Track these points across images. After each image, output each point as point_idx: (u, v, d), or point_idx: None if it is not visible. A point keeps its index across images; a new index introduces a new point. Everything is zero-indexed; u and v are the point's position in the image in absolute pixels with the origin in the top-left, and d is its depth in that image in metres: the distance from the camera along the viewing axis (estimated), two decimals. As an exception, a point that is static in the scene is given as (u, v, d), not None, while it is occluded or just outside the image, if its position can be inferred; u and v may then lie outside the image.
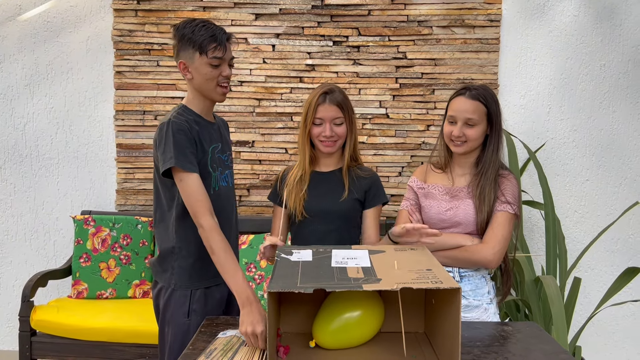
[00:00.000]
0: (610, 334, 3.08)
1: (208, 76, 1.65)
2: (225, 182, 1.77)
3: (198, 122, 1.71)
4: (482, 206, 1.70)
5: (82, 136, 3.15)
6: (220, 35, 1.63)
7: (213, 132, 1.76)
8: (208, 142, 1.71)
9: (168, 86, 3.09)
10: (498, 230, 1.68)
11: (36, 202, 3.17)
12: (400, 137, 3.05)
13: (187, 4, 3.03)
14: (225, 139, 1.84)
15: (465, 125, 1.70)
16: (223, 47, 1.64)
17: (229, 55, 1.68)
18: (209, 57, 1.62)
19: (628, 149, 3.01)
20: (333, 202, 1.79)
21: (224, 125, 1.91)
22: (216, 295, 1.76)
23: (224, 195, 1.75)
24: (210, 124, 1.76)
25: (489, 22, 2.97)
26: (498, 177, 1.74)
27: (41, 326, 2.62)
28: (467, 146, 1.72)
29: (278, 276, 1.17)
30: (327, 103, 1.75)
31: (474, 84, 1.78)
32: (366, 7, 2.99)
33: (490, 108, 1.71)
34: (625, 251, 3.04)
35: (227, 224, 1.74)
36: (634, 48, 2.97)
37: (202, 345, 1.40)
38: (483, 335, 1.48)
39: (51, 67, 3.12)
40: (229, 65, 1.69)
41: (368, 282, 1.11)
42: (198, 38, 1.61)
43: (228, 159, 1.82)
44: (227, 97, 2.81)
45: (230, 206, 1.79)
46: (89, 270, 2.85)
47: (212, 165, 1.71)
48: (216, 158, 1.73)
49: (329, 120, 1.75)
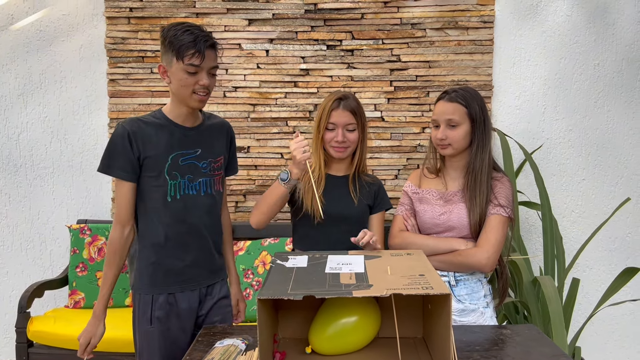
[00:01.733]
0: (609, 333, 3.08)
1: (183, 83, 1.60)
2: (194, 190, 1.71)
3: (164, 126, 1.67)
4: (474, 208, 1.70)
5: (76, 145, 3.13)
6: (201, 42, 1.56)
7: (185, 138, 1.70)
8: (168, 149, 1.66)
9: (162, 93, 3.08)
10: (491, 234, 1.68)
11: (31, 212, 3.16)
12: (395, 140, 3.05)
13: (180, 11, 3.03)
14: (210, 145, 1.76)
15: (447, 127, 1.72)
16: (202, 54, 1.57)
17: (208, 64, 1.60)
18: (185, 64, 1.57)
19: (624, 147, 3.02)
20: (349, 207, 1.82)
21: (220, 130, 1.82)
22: (182, 305, 1.73)
23: (190, 204, 1.70)
24: (185, 129, 1.70)
25: (482, 23, 2.97)
26: (491, 180, 1.73)
27: (38, 337, 2.60)
28: (452, 148, 1.73)
29: (270, 283, 1.18)
30: (340, 109, 1.77)
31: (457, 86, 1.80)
32: (359, 10, 2.99)
33: (470, 108, 1.71)
34: (623, 250, 3.04)
35: (195, 232, 1.72)
36: (627, 47, 2.98)
37: (199, 355, 1.39)
38: (482, 340, 1.47)
39: (44, 76, 3.10)
40: (210, 74, 1.63)
41: (359, 289, 1.11)
42: (177, 43, 1.56)
43: (209, 167, 1.75)
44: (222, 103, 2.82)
45: (198, 215, 1.72)
46: (85, 280, 2.83)
47: (170, 173, 1.66)
48: (180, 165, 1.68)
49: (342, 125, 1.77)
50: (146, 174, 1.66)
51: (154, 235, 1.70)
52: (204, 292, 1.79)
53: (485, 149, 1.74)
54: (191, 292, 1.75)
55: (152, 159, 1.65)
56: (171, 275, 1.71)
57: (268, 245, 2.85)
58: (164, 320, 1.71)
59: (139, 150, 1.64)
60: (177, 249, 1.71)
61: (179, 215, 1.69)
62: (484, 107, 1.73)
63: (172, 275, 1.71)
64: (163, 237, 1.69)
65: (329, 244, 1.78)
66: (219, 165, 1.79)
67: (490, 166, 1.75)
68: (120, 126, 1.64)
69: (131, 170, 1.64)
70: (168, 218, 1.68)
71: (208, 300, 1.80)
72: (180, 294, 1.73)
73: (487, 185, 1.72)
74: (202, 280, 1.77)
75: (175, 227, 1.69)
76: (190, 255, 1.73)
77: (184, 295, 1.73)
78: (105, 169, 1.65)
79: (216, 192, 1.78)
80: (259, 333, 1.10)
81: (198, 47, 1.56)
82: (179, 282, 1.72)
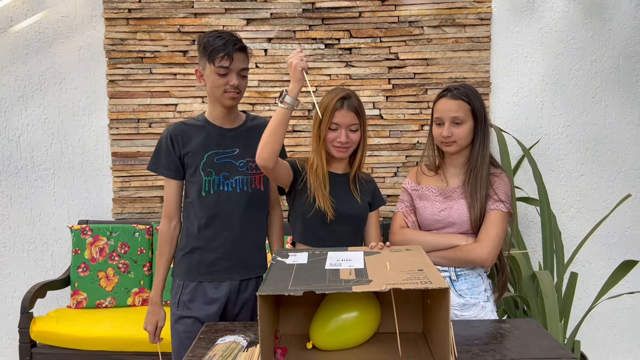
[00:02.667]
0: (609, 328, 3.09)
1: (215, 84, 1.74)
2: (229, 187, 1.81)
3: (202, 127, 1.82)
4: (474, 203, 1.71)
5: (77, 146, 3.15)
6: (229, 46, 1.70)
7: (223, 138, 1.82)
8: (205, 147, 1.80)
9: (162, 93, 3.09)
10: (492, 229, 1.69)
11: (33, 213, 3.17)
12: (394, 138, 3.06)
13: (178, 11, 3.04)
14: (248, 145, 1.84)
15: (452, 124, 1.72)
16: (230, 57, 1.70)
17: (237, 66, 1.73)
18: (216, 66, 1.71)
19: (621, 142, 3.03)
20: (355, 206, 1.83)
21: (261, 131, 1.79)
22: (209, 294, 1.82)
23: (223, 200, 1.81)
24: (222, 130, 1.83)
25: (479, 20, 2.98)
26: (490, 175, 1.75)
27: (41, 337, 2.61)
28: (458, 145, 1.74)
29: (271, 279, 1.19)
30: (344, 109, 1.73)
31: (456, 83, 1.80)
32: (357, 9, 3.00)
33: (473, 105, 1.72)
34: (622, 245, 3.06)
35: (227, 226, 1.82)
36: (624, 42, 2.99)
37: (201, 352, 1.40)
38: (481, 333, 1.48)
39: (44, 78, 3.12)
40: (240, 76, 1.75)
41: (358, 284, 1.12)
42: (209, 47, 1.71)
43: (246, 165, 1.84)
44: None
45: (231, 210, 1.82)
46: (87, 280, 2.85)
47: (205, 170, 1.80)
48: (216, 163, 1.80)
49: (345, 126, 1.74)
50: (188, 170, 1.82)
51: (190, 227, 1.84)
52: (236, 286, 1.85)
53: (485, 145, 1.75)
54: (221, 283, 1.83)
55: (190, 156, 1.80)
56: (202, 266, 1.83)
57: (268, 243, 2.86)
58: (190, 306, 1.82)
59: (180, 150, 1.80)
60: (210, 241, 1.82)
61: (211, 209, 1.81)
62: (483, 104, 1.75)
63: (203, 265, 1.83)
64: (196, 229, 1.82)
65: (336, 241, 1.78)
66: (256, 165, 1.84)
67: (489, 162, 1.77)
68: (165, 129, 1.83)
69: (174, 169, 1.82)
70: (201, 211, 1.81)
71: (240, 296, 1.85)
72: (209, 284, 1.83)
73: (487, 181, 1.73)
74: (234, 274, 1.85)
75: (208, 220, 1.81)
76: (222, 248, 1.82)
77: (212, 285, 1.83)
78: (153, 168, 1.84)
79: (254, 189, 1.86)
80: (260, 329, 1.11)
81: (227, 50, 1.70)
82: (210, 273, 1.83)
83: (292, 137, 3.09)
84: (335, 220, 1.77)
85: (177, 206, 1.86)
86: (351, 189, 1.85)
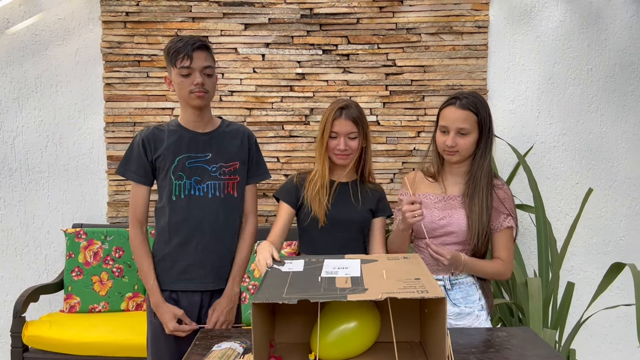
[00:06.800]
0: (603, 336, 3.10)
1: (180, 85, 1.74)
2: (201, 192, 1.79)
3: (175, 131, 1.81)
4: (473, 216, 1.71)
5: (72, 149, 3.13)
6: (188, 46, 1.70)
7: (195, 142, 1.80)
8: (176, 151, 1.78)
9: (158, 97, 3.08)
10: (510, 246, 1.76)
11: (27, 216, 3.15)
12: (391, 144, 3.06)
13: (176, 15, 3.04)
14: (222, 150, 1.83)
15: (457, 134, 1.70)
16: (190, 56, 1.70)
17: (198, 64, 1.72)
18: (178, 67, 1.72)
19: (617, 151, 3.04)
20: (353, 212, 1.88)
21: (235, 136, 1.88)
22: (183, 303, 1.81)
23: (193, 205, 1.79)
24: (195, 134, 1.81)
25: (476, 28, 3.00)
26: (493, 187, 1.74)
27: (33, 342, 2.59)
28: (460, 155, 1.73)
29: (266, 287, 1.18)
30: (342, 118, 1.83)
31: (464, 90, 1.79)
32: (355, 15, 3.01)
33: (480, 116, 1.70)
34: (617, 253, 3.07)
35: (198, 232, 1.80)
36: (619, 52, 3.01)
37: (197, 358, 1.39)
38: (478, 342, 1.48)
39: (40, 81, 3.10)
40: (204, 74, 1.74)
41: (354, 293, 1.11)
42: (171, 51, 1.73)
43: (219, 171, 1.82)
44: (218, 107, 2.86)
45: (202, 215, 1.79)
46: (81, 284, 2.82)
47: (175, 174, 1.78)
48: (187, 167, 1.78)
49: (344, 134, 1.83)
50: (159, 174, 1.81)
51: (161, 233, 1.83)
52: (208, 296, 1.83)
53: (487, 156, 1.74)
54: (193, 293, 1.81)
55: (161, 160, 1.79)
56: (175, 273, 1.80)
57: (264, 249, 2.85)
58: None
59: (152, 154, 1.79)
60: (181, 247, 1.80)
61: (182, 214, 1.79)
62: (490, 115, 1.74)
63: (175, 273, 1.81)
64: (168, 235, 1.80)
65: (335, 248, 1.84)
66: (231, 169, 1.85)
67: (491, 173, 1.76)
68: (138, 134, 1.82)
69: (143, 174, 1.80)
70: (172, 216, 1.79)
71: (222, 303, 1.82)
72: (182, 293, 1.81)
73: (487, 191, 1.72)
74: (207, 283, 1.82)
75: (178, 226, 1.79)
76: (194, 255, 1.80)
77: (186, 294, 1.81)
78: (122, 172, 1.82)
79: (227, 195, 1.83)
80: (253, 337, 1.10)
81: (186, 50, 1.70)
82: (181, 281, 1.81)
83: (289, 142, 3.08)
84: (329, 225, 1.85)
85: (146, 212, 1.83)
86: (352, 195, 1.89)
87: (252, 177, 1.93)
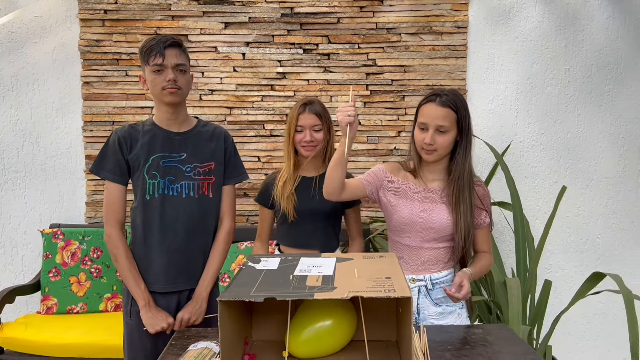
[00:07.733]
0: (581, 333, 3.14)
1: (153, 83, 1.75)
2: (174, 191, 1.79)
3: (150, 130, 1.80)
4: (459, 216, 1.70)
5: (49, 148, 3.09)
6: (160, 44, 1.71)
7: (170, 141, 1.80)
8: (150, 150, 1.78)
9: (137, 96, 3.05)
10: (490, 239, 1.84)
11: (3, 217, 3.10)
12: (372, 144, 3.07)
13: (155, 14, 3.01)
14: (197, 150, 1.83)
15: (436, 132, 1.67)
16: (162, 54, 1.71)
17: (170, 61, 1.73)
18: (151, 65, 1.73)
19: (594, 151, 3.09)
20: (320, 203, 1.97)
21: (211, 137, 1.87)
22: (159, 303, 1.80)
23: (167, 205, 1.78)
24: (170, 133, 1.81)
25: (456, 28, 3.02)
26: (473, 186, 1.75)
27: (9, 344, 2.55)
28: (438, 154, 1.70)
29: (235, 285, 1.18)
30: (306, 112, 1.97)
31: (444, 88, 1.78)
32: (335, 15, 3.01)
33: (460, 114, 1.69)
34: (593, 251, 3.11)
35: (171, 232, 1.79)
36: (596, 52, 3.05)
37: (173, 358, 1.38)
38: (454, 339, 1.49)
39: (16, 79, 3.05)
40: (177, 71, 1.75)
41: (322, 291, 1.11)
42: (143, 50, 1.75)
43: (193, 171, 1.81)
44: (199, 106, 2.86)
45: (175, 215, 1.79)
46: (58, 285, 2.79)
47: (149, 172, 1.77)
48: (161, 167, 1.78)
49: (309, 127, 1.97)
50: (133, 173, 1.79)
51: (136, 233, 1.82)
52: (185, 296, 1.83)
53: (467, 155, 1.73)
54: (170, 293, 1.81)
55: (135, 159, 1.78)
56: (151, 273, 1.80)
57: (245, 248, 2.84)
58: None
59: (127, 153, 1.78)
60: (155, 247, 1.79)
61: (155, 213, 1.78)
62: (469, 113, 1.71)
63: (151, 274, 1.80)
64: (142, 235, 1.80)
65: (305, 238, 2.02)
66: (206, 170, 1.84)
67: (472, 172, 1.75)
68: (113, 132, 1.80)
69: (119, 173, 1.78)
70: (146, 216, 1.78)
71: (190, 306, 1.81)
72: (158, 294, 1.80)
73: (470, 192, 1.72)
74: (181, 283, 1.82)
75: (152, 225, 1.78)
76: (169, 256, 1.79)
77: (163, 295, 1.80)
78: (96, 171, 1.79)
79: (202, 196, 1.83)
80: (220, 335, 1.10)
81: (158, 47, 1.72)
82: (156, 282, 1.80)
83: (270, 141, 3.07)
84: (298, 218, 2.00)
85: (124, 211, 1.81)
86: (318, 188, 2.01)
87: (229, 178, 1.92)
